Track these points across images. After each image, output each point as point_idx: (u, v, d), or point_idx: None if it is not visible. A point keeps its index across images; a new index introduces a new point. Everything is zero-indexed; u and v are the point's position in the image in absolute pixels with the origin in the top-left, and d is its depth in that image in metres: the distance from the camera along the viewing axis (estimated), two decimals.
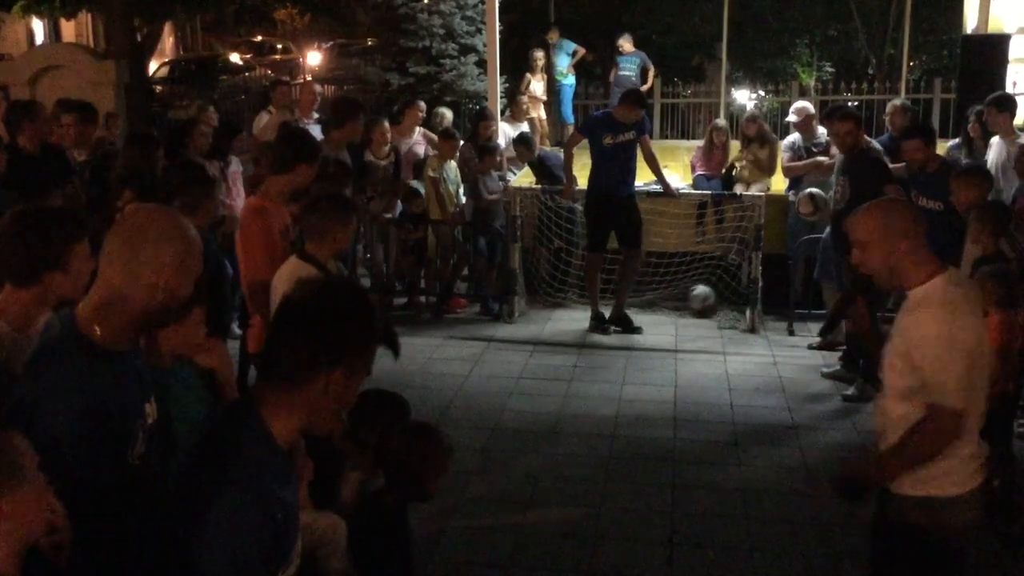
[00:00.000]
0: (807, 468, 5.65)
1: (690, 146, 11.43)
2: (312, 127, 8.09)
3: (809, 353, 7.65)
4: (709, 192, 9.17)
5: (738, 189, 9.16)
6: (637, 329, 8.25)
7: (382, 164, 8.73)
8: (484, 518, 5.01)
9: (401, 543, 3.33)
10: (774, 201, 8.66)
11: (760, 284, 8.25)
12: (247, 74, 22.58)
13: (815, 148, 8.49)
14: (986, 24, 10.57)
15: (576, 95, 14.41)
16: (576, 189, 8.46)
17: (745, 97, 19.21)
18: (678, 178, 9.62)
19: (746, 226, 8.47)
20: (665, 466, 5.66)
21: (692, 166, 9.92)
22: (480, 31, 14.05)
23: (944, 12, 19.23)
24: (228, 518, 1.83)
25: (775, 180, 9.35)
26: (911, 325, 2.94)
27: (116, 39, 14.89)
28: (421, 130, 9.48)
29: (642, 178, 8.62)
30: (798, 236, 8.28)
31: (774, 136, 9.76)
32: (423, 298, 9.11)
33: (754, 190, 9.03)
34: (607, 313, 8.33)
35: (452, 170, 8.93)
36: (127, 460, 2.17)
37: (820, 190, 7.99)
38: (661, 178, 8.38)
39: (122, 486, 2.14)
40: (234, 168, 8.02)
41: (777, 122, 13.78)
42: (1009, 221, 5.54)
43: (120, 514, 2.13)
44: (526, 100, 11.88)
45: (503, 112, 11.81)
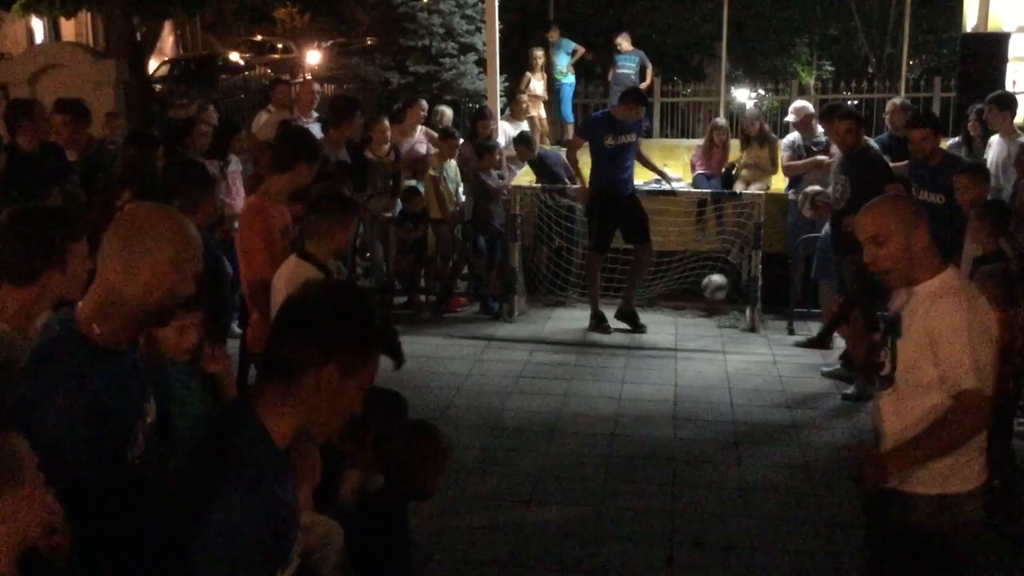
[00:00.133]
0: (807, 467, 5.64)
1: (690, 145, 11.43)
2: (312, 126, 8.08)
3: (809, 352, 7.64)
4: (709, 191, 9.18)
5: (738, 188, 9.15)
6: (641, 327, 8.24)
7: (384, 163, 8.74)
8: (484, 517, 5.00)
9: (401, 542, 3.32)
10: (774, 200, 8.66)
11: (760, 283, 8.25)
12: (247, 73, 22.55)
13: (815, 147, 8.48)
14: (985, 23, 10.56)
15: (576, 94, 14.40)
16: (575, 188, 8.45)
17: (745, 96, 19.22)
18: (678, 177, 9.62)
19: (745, 223, 8.48)
20: (665, 465, 5.66)
21: (692, 165, 9.92)
22: (480, 30, 14.04)
23: (944, 11, 19.24)
24: (228, 518, 1.83)
25: (775, 179, 9.35)
26: (935, 316, 2.94)
27: (116, 38, 14.90)
28: (423, 128, 9.47)
29: (640, 177, 8.62)
30: (798, 235, 8.27)
31: (774, 135, 9.76)
32: (423, 297, 9.11)
33: (754, 189, 9.03)
34: (607, 312, 8.33)
35: (452, 169, 8.93)
36: (126, 459, 2.16)
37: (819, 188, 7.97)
38: (657, 170, 8.40)
39: (121, 486, 2.13)
40: (234, 167, 8.01)
41: (777, 121, 13.79)
42: (1009, 220, 5.54)
43: (119, 514, 2.12)
44: (526, 99, 11.88)
45: (503, 111, 11.81)
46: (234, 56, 26.91)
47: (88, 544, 2.04)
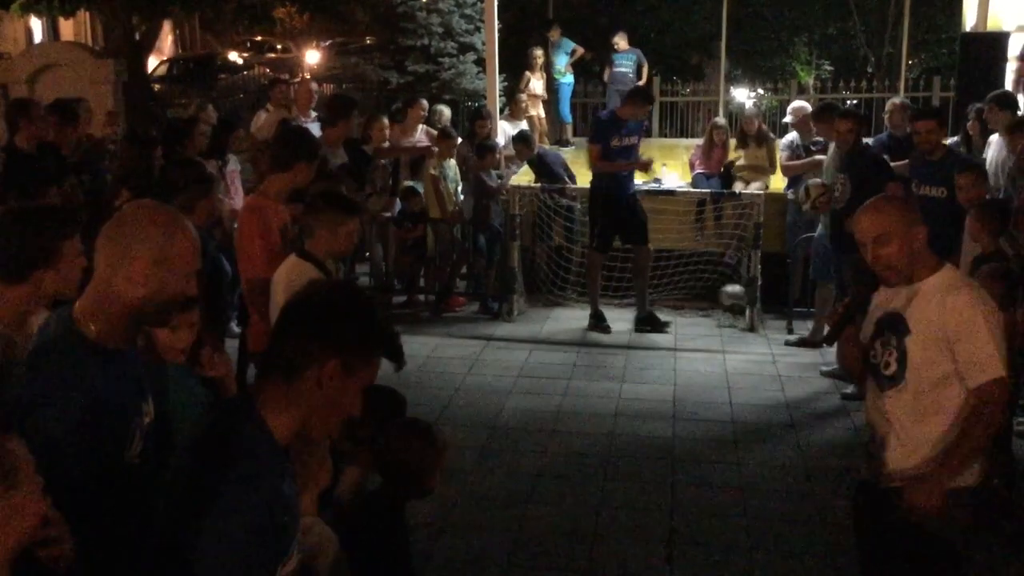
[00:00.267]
0: (806, 466, 5.64)
1: (689, 144, 11.43)
2: (310, 125, 8.08)
3: (808, 351, 7.64)
4: (708, 190, 9.17)
5: (737, 187, 9.15)
6: (666, 325, 8.26)
7: (382, 162, 8.73)
8: (483, 516, 5.00)
9: (400, 541, 3.32)
10: (773, 200, 8.66)
11: (759, 282, 8.25)
12: (246, 72, 22.54)
13: (813, 147, 8.48)
14: (985, 22, 10.55)
15: (574, 93, 14.39)
16: (575, 188, 8.44)
17: (744, 95, 19.21)
18: (677, 176, 9.62)
19: (745, 224, 8.47)
20: (664, 464, 5.65)
21: (691, 164, 9.92)
22: (479, 29, 14.04)
23: (943, 10, 19.23)
24: (230, 511, 1.83)
25: (774, 178, 9.35)
26: (949, 312, 2.96)
27: (114, 37, 14.92)
28: (424, 128, 9.46)
29: (639, 177, 8.62)
30: (797, 235, 8.27)
31: (772, 135, 9.77)
32: (422, 297, 9.10)
33: (753, 188, 9.02)
34: (607, 312, 8.32)
35: (452, 168, 8.92)
36: (124, 458, 2.16)
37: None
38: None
39: (119, 484, 2.13)
40: (232, 166, 8.00)
41: (776, 121, 13.78)
42: (1009, 220, 5.54)
43: (117, 512, 2.12)
44: (525, 98, 11.88)
45: (502, 110, 11.81)
46: (233, 55, 26.91)
47: (86, 542, 2.04)
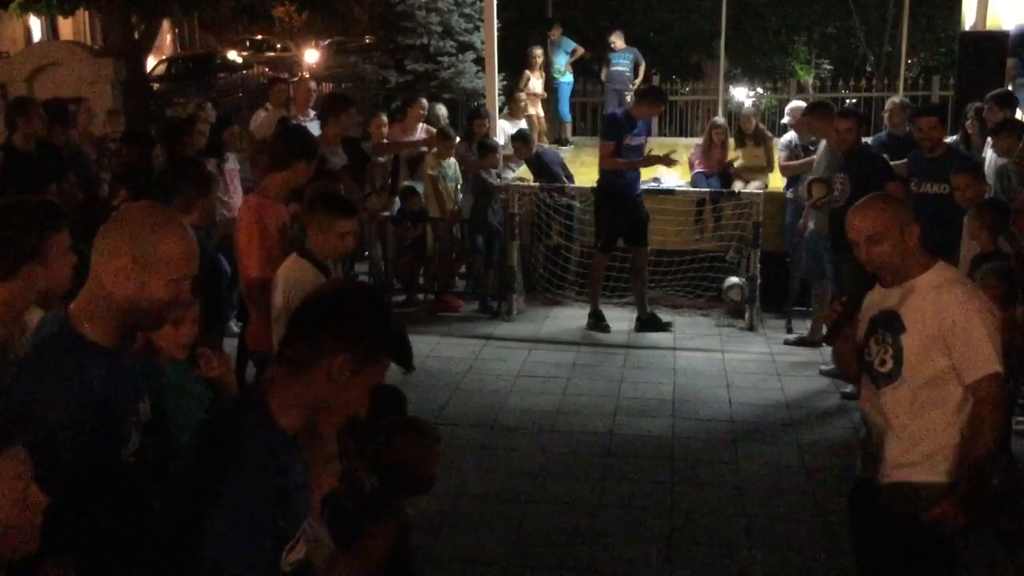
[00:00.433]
0: (805, 465, 5.64)
1: (688, 144, 11.42)
2: (309, 124, 8.07)
3: (807, 350, 7.63)
4: (708, 189, 9.16)
5: (737, 186, 9.14)
6: (667, 325, 8.26)
7: (381, 160, 8.72)
8: (483, 515, 5.00)
9: (400, 540, 3.31)
10: (772, 199, 8.65)
11: (759, 281, 8.24)
12: (245, 71, 22.52)
13: (812, 147, 8.46)
14: (984, 21, 10.54)
15: (574, 92, 14.40)
16: (574, 187, 8.42)
17: (743, 95, 19.21)
18: (676, 176, 9.61)
19: (744, 223, 8.46)
20: (663, 463, 5.65)
21: (691, 164, 9.90)
22: (478, 28, 14.02)
23: (942, 9, 19.21)
24: (240, 492, 1.87)
25: (773, 177, 9.34)
26: (944, 308, 2.98)
27: (113, 36, 14.89)
28: (423, 126, 9.45)
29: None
30: (796, 234, 8.26)
31: (769, 134, 9.77)
32: (421, 296, 9.10)
33: (752, 187, 9.02)
34: (606, 312, 8.31)
35: (452, 167, 8.90)
36: (119, 457, 2.15)
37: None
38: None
39: (115, 483, 2.12)
40: (232, 165, 8.00)
41: (776, 120, 13.77)
42: (1008, 219, 5.54)
43: (113, 511, 2.11)
44: (524, 97, 11.88)
45: (501, 109, 11.80)
46: (232, 54, 26.89)
47: (83, 540, 2.03)
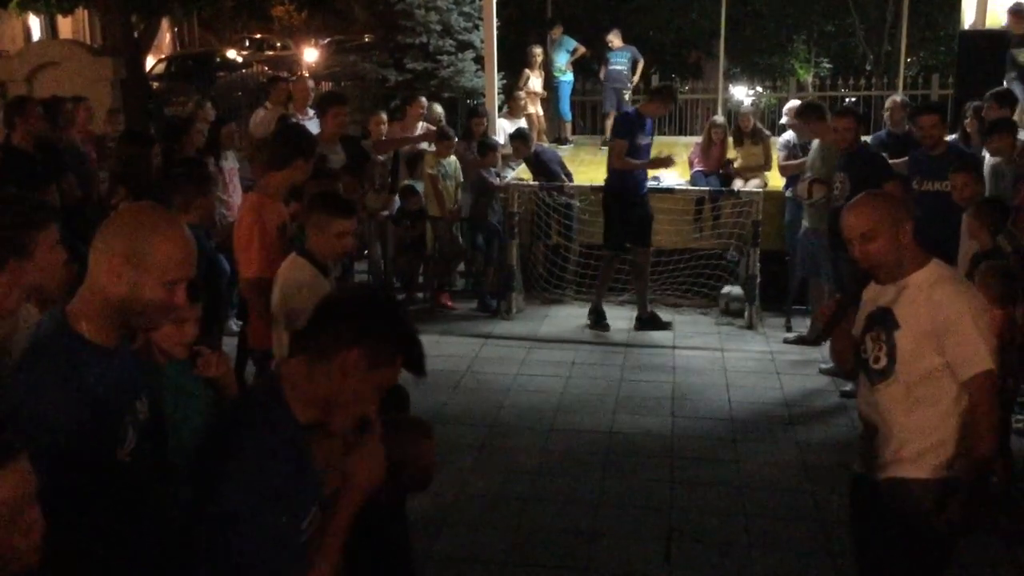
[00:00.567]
0: (805, 464, 5.64)
1: (688, 142, 11.42)
2: (308, 123, 8.07)
3: (807, 349, 7.63)
4: (707, 188, 9.16)
5: (736, 185, 9.14)
6: (667, 324, 8.26)
7: (380, 159, 8.72)
8: (482, 514, 5.00)
9: (400, 540, 3.31)
10: (771, 197, 8.65)
11: (758, 280, 8.24)
12: (244, 70, 22.50)
13: (810, 146, 8.46)
14: (983, 19, 10.55)
15: (574, 91, 14.39)
16: (573, 186, 8.41)
17: (743, 93, 19.18)
18: (676, 175, 9.61)
19: (744, 222, 8.46)
20: (663, 462, 5.65)
21: (690, 162, 9.91)
22: (477, 27, 14.00)
23: (942, 8, 19.18)
24: (253, 459, 1.96)
25: (772, 176, 9.34)
26: (937, 305, 2.99)
27: (113, 35, 14.87)
28: (423, 125, 9.45)
29: None
30: (795, 233, 8.26)
31: (767, 132, 9.77)
32: (421, 295, 9.09)
33: (751, 186, 9.02)
34: (606, 310, 8.30)
35: (452, 166, 8.89)
36: (116, 456, 2.15)
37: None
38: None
39: (112, 482, 2.12)
40: (231, 164, 7.99)
41: (775, 119, 13.76)
42: (1007, 218, 5.54)
43: (110, 510, 2.11)
44: (523, 96, 11.87)
45: (501, 108, 11.79)
46: (231, 53, 26.90)
47: (80, 540, 2.03)
